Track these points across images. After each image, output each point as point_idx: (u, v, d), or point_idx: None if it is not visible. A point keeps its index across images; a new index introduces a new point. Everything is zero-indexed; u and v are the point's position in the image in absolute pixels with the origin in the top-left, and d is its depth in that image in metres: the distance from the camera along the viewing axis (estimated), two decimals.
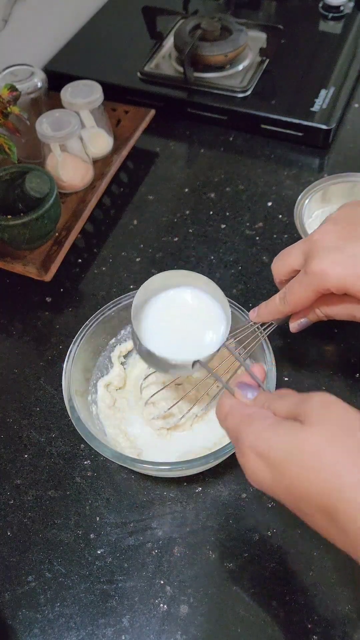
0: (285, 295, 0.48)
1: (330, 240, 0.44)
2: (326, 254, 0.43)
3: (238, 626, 0.47)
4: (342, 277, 0.43)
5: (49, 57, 0.94)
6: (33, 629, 0.48)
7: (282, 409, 0.37)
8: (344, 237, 0.44)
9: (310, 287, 0.45)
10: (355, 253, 0.42)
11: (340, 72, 0.87)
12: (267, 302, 0.50)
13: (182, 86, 0.86)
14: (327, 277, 0.43)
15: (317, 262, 0.43)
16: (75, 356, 0.54)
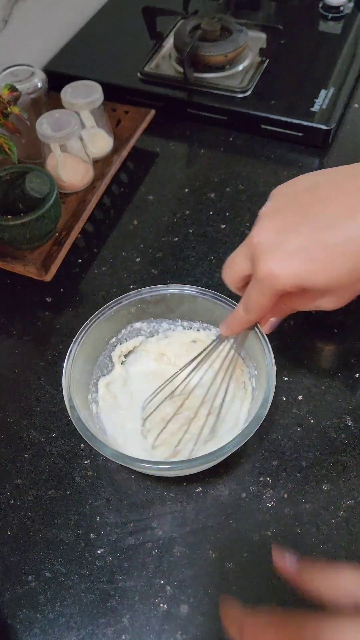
0: (246, 306, 0.45)
1: (268, 239, 0.40)
2: (269, 256, 0.40)
3: None
4: (292, 275, 0.39)
5: (49, 57, 0.94)
6: (33, 628, 0.48)
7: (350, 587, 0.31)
8: (280, 230, 0.40)
9: (266, 292, 0.42)
10: (295, 246, 0.39)
11: (340, 72, 0.87)
12: (233, 315, 0.47)
13: (182, 86, 0.86)
14: (277, 279, 0.40)
15: (262, 267, 0.40)
16: (76, 355, 0.54)
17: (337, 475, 0.54)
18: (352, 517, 0.52)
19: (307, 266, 0.39)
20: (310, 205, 0.40)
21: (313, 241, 0.38)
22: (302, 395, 0.60)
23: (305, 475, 0.54)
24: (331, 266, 0.38)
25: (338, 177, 0.40)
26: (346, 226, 0.38)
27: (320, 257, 0.38)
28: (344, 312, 0.66)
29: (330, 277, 0.39)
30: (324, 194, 0.39)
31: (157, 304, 0.60)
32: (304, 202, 0.40)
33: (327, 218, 0.38)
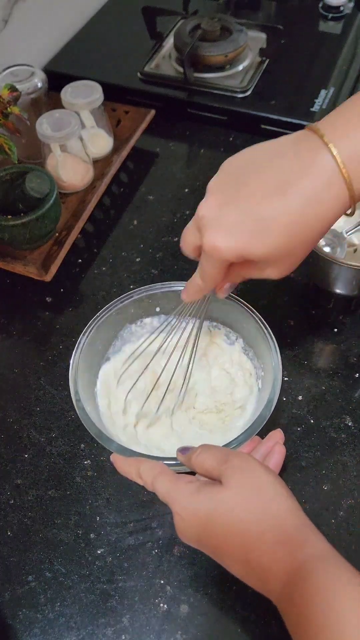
0: (201, 274, 0.47)
1: (210, 213, 0.42)
2: (211, 228, 0.42)
3: (238, 626, 0.47)
4: (231, 247, 0.41)
5: (49, 57, 0.94)
6: (33, 628, 0.48)
7: (207, 463, 0.42)
8: (221, 204, 0.42)
9: (213, 263, 0.44)
10: (233, 220, 0.41)
11: (340, 72, 0.87)
12: (191, 282, 0.49)
13: (182, 86, 0.86)
14: (220, 251, 0.42)
15: (206, 240, 0.42)
16: (83, 349, 0.55)
17: (337, 475, 0.54)
18: (352, 517, 0.52)
19: (244, 239, 0.40)
20: (247, 180, 0.41)
21: (248, 215, 0.40)
22: (302, 395, 0.60)
23: (305, 475, 0.54)
24: (265, 239, 0.40)
25: (274, 150, 0.42)
26: (278, 200, 0.39)
27: (255, 230, 0.40)
28: (344, 312, 0.66)
29: (266, 249, 0.40)
30: (260, 168, 0.41)
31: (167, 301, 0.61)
32: (242, 176, 0.42)
33: (260, 192, 0.40)
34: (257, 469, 0.41)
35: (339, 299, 0.66)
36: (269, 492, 0.40)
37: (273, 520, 0.39)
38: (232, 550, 0.39)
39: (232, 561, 0.40)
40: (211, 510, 0.39)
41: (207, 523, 0.40)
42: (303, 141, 0.40)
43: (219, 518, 0.39)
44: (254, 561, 0.38)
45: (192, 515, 0.40)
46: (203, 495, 0.40)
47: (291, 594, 0.37)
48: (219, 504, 0.39)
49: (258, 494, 0.40)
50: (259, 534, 0.38)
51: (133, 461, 0.46)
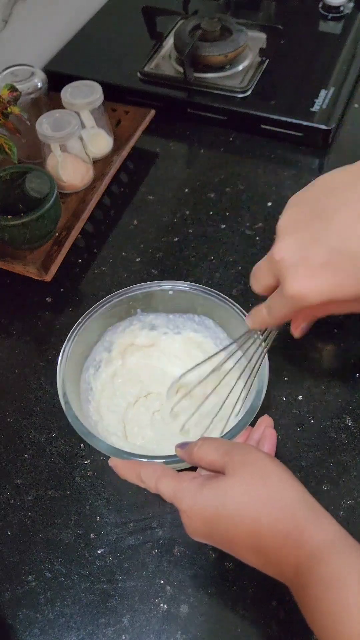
0: (270, 310, 0.45)
1: (291, 255, 0.39)
2: (294, 274, 0.39)
3: (238, 626, 0.47)
4: (319, 292, 0.39)
5: (49, 57, 0.94)
6: (33, 628, 0.48)
7: (210, 456, 0.42)
8: (302, 244, 0.39)
9: (292, 307, 0.42)
10: (320, 261, 0.38)
11: (340, 72, 0.87)
12: (257, 311, 0.47)
13: (182, 86, 0.86)
14: (305, 298, 0.39)
15: (290, 286, 0.39)
16: (70, 351, 0.55)
17: (337, 475, 0.54)
18: (352, 517, 0.52)
19: (335, 280, 0.38)
20: (330, 213, 0.38)
21: (337, 253, 0.37)
22: (302, 395, 0.60)
23: (305, 475, 0.54)
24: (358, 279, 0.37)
25: (354, 177, 0.39)
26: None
27: (347, 269, 0.37)
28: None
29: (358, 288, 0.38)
30: (342, 198, 0.38)
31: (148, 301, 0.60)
32: (322, 210, 0.38)
33: (348, 225, 0.37)
34: (260, 458, 0.41)
35: None
36: (274, 480, 0.39)
37: (281, 508, 0.38)
38: (244, 542, 0.39)
39: (245, 552, 0.39)
40: (218, 504, 0.39)
41: (216, 517, 0.39)
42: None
43: (226, 511, 0.39)
44: (267, 549, 0.38)
45: (199, 512, 0.40)
46: (208, 489, 0.40)
47: (305, 580, 0.36)
48: (226, 496, 0.39)
49: (264, 483, 0.39)
50: (269, 522, 0.38)
51: (133, 465, 0.46)
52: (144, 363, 0.61)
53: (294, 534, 0.37)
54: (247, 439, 0.52)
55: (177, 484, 0.42)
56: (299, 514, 0.38)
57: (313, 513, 0.39)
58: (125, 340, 0.61)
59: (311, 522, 0.38)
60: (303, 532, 0.37)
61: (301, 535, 0.37)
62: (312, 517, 0.38)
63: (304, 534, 0.37)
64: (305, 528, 0.38)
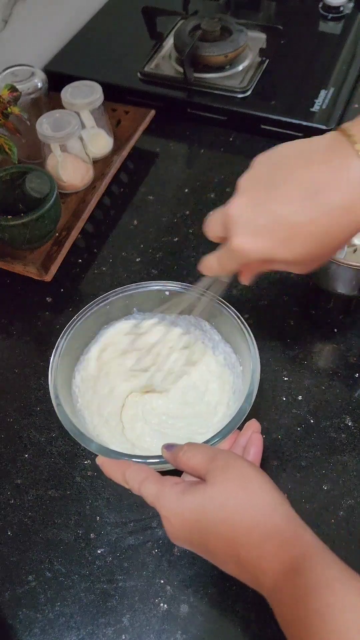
0: (219, 260, 0.47)
1: (241, 213, 0.42)
2: (240, 229, 0.42)
3: (238, 625, 0.47)
4: (258, 251, 0.41)
5: (49, 57, 0.94)
6: (33, 628, 0.48)
7: (194, 462, 0.42)
8: (251, 205, 0.41)
9: (237, 260, 0.44)
10: (262, 223, 0.41)
11: (340, 73, 0.87)
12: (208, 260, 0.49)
13: (182, 86, 0.86)
14: (246, 253, 0.42)
15: (234, 240, 0.42)
16: (63, 351, 0.55)
17: (337, 475, 0.54)
18: (352, 517, 0.52)
19: (273, 244, 0.40)
20: (279, 182, 0.41)
21: (278, 219, 0.40)
22: (302, 395, 0.60)
23: (305, 475, 0.54)
24: (294, 245, 0.40)
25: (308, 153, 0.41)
26: (308, 208, 0.39)
27: (283, 236, 0.40)
28: (344, 312, 0.66)
29: (293, 255, 0.40)
30: (293, 170, 0.40)
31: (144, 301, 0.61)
32: (274, 177, 0.41)
33: (292, 198, 0.40)
34: (242, 467, 0.41)
35: (339, 299, 0.66)
36: (254, 487, 0.40)
37: (260, 515, 0.39)
38: (222, 548, 0.39)
39: (224, 559, 0.40)
40: (198, 509, 0.39)
41: (196, 523, 0.40)
42: (336, 146, 0.39)
43: (206, 516, 0.39)
44: (245, 557, 0.38)
45: (180, 517, 0.40)
46: (189, 495, 0.40)
47: (281, 589, 0.37)
48: (206, 502, 0.39)
49: (244, 490, 0.40)
50: (247, 529, 0.38)
51: (119, 465, 0.46)
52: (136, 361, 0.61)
53: (271, 543, 0.38)
54: (234, 443, 0.52)
55: (159, 488, 0.42)
56: (277, 523, 0.39)
57: (291, 523, 0.39)
58: (118, 339, 0.61)
59: (289, 532, 0.38)
60: (281, 542, 0.38)
61: (279, 545, 0.38)
62: (290, 527, 0.39)
63: (282, 544, 0.38)
64: (284, 538, 0.38)
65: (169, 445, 0.45)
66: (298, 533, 0.38)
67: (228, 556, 0.39)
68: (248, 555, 0.38)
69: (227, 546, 0.39)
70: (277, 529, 0.38)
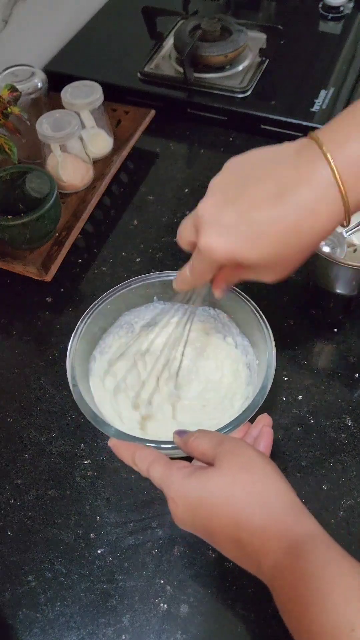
0: (191, 268, 0.48)
1: (209, 213, 0.43)
2: (207, 229, 0.42)
3: (238, 625, 0.47)
4: (224, 249, 0.41)
5: (49, 57, 0.94)
6: (33, 628, 0.48)
7: (203, 446, 0.43)
8: (220, 205, 0.42)
9: (205, 261, 0.45)
10: (229, 222, 0.41)
11: (340, 73, 0.87)
12: (180, 274, 0.50)
13: (182, 86, 0.86)
14: (213, 252, 0.42)
15: (202, 238, 0.43)
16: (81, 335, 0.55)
17: (337, 475, 0.54)
18: (352, 517, 0.52)
19: (238, 242, 0.41)
20: (248, 183, 0.41)
21: (244, 219, 0.40)
22: (302, 395, 0.60)
23: (305, 475, 0.54)
24: (258, 245, 0.40)
25: (276, 156, 0.41)
26: (274, 208, 0.39)
27: (250, 235, 0.40)
28: (344, 312, 0.66)
29: (258, 254, 0.41)
30: (261, 173, 0.41)
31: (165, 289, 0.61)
32: (243, 179, 0.42)
33: (259, 198, 0.40)
34: (249, 452, 0.42)
35: (339, 299, 0.66)
36: (259, 473, 0.40)
37: (263, 500, 0.39)
38: (224, 531, 0.39)
39: (225, 542, 0.40)
40: (203, 491, 0.40)
41: (199, 505, 0.40)
42: (304, 150, 0.40)
43: (210, 499, 0.40)
44: (245, 540, 0.38)
45: (184, 499, 0.41)
46: (195, 477, 0.41)
47: (282, 572, 0.37)
48: (210, 484, 0.40)
49: (249, 475, 0.40)
50: (249, 513, 0.38)
51: (129, 446, 0.47)
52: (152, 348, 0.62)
53: (273, 527, 0.38)
54: (245, 435, 0.52)
55: (166, 470, 0.43)
56: (280, 508, 0.39)
57: (294, 509, 0.39)
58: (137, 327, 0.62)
59: (292, 517, 0.39)
60: (283, 526, 0.38)
61: (281, 529, 0.38)
62: (292, 513, 0.39)
63: (284, 528, 0.38)
64: (286, 522, 0.38)
65: (181, 432, 0.46)
66: (300, 519, 0.39)
67: (230, 539, 0.39)
68: (250, 538, 0.38)
69: (229, 529, 0.39)
70: (279, 515, 0.39)
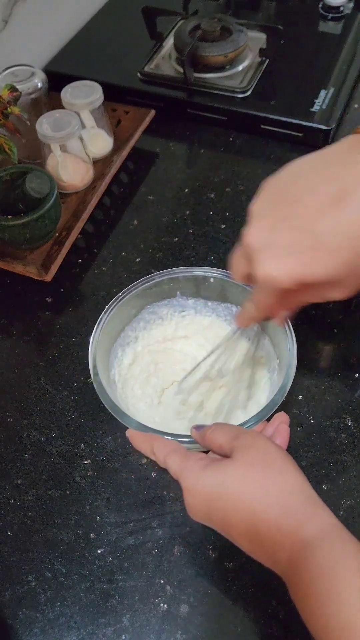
0: (254, 302, 0.46)
1: (259, 239, 0.40)
2: (262, 257, 0.39)
3: (238, 625, 0.47)
4: (288, 273, 0.38)
5: (49, 57, 0.94)
6: (33, 628, 0.48)
7: (220, 439, 0.43)
8: (270, 228, 0.39)
9: (269, 291, 0.43)
10: (286, 242, 0.38)
11: (340, 73, 0.87)
12: (244, 309, 0.49)
13: (182, 86, 0.86)
14: (275, 280, 0.39)
15: (259, 269, 0.40)
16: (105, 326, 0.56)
17: (337, 475, 0.54)
18: (352, 517, 0.52)
19: (302, 262, 0.38)
20: (296, 197, 0.38)
21: (303, 235, 0.37)
22: (302, 395, 0.60)
23: (305, 475, 0.54)
24: (327, 257, 0.37)
25: (325, 159, 0.39)
26: (337, 211, 0.37)
27: (314, 250, 0.37)
28: (344, 312, 0.66)
29: (328, 268, 0.37)
30: (308, 183, 0.38)
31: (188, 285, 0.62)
32: (289, 195, 0.39)
33: (316, 206, 0.37)
34: (267, 445, 0.41)
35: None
36: (276, 466, 0.40)
37: (280, 492, 0.39)
38: (239, 523, 0.39)
39: (240, 535, 0.39)
40: (219, 483, 0.39)
41: (215, 497, 0.40)
42: (354, 146, 0.37)
43: (226, 491, 0.39)
44: (262, 533, 0.38)
45: (200, 491, 0.40)
46: (211, 469, 0.40)
47: (297, 567, 0.36)
48: (227, 477, 0.39)
49: (266, 468, 0.40)
50: (266, 505, 0.38)
51: (148, 437, 0.47)
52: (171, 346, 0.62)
53: (289, 520, 0.38)
54: (262, 431, 0.52)
55: (183, 461, 0.42)
56: (296, 502, 0.39)
57: (311, 502, 0.39)
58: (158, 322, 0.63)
59: (308, 510, 0.38)
60: (299, 520, 0.38)
61: (297, 523, 0.38)
62: (309, 507, 0.39)
63: (300, 522, 0.38)
64: (302, 516, 0.38)
65: (198, 426, 0.46)
66: (317, 512, 0.38)
67: (245, 532, 0.39)
68: (265, 532, 0.38)
69: (244, 522, 0.39)
70: (296, 507, 0.38)
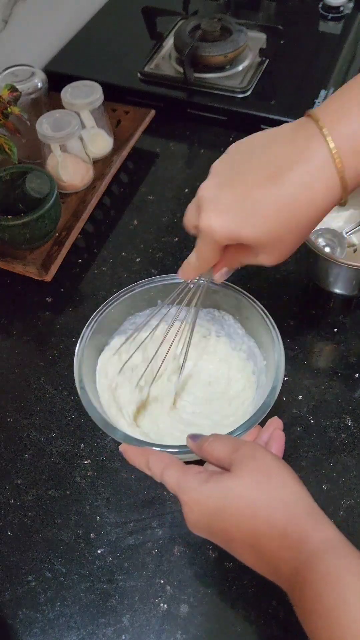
0: (197, 254, 0.48)
1: (209, 193, 0.43)
2: (207, 209, 0.43)
3: (238, 625, 0.47)
4: (224, 228, 0.42)
5: (49, 57, 0.94)
6: (33, 628, 0.48)
7: (219, 452, 0.43)
8: (220, 186, 0.43)
9: (208, 243, 0.45)
10: (228, 201, 0.41)
11: (340, 73, 0.87)
12: (187, 261, 0.50)
13: (182, 86, 0.86)
14: (214, 232, 0.42)
15: (202, 219, 0.43)
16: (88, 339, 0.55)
17: (337, 475, 0.54)
18: (352, 517, 0.52)
19: (237, 221, 0.41)
20: (246, 164, 0.42)
21: (242, 198, 0.41)
22: (302, 395, 0.60)
23: (305, 475, 0.54)
24: (256, 222, 0.41)
25: (274, 136, 0.42)
26: (270, 185, 0.40)
27: (248, 213, 0.41)
28: (344, 312, 0.66)
29: (256, 232, 0.41)
30: (258, 153, 0.42)
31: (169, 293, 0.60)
32: (242, 160, 0.43)
33: (256, 177, 0.41)
34: (266, 457, 0.41)
35: (339, 299, 0.66)
36: (278, 479, 0.40)
37: (283, 506, 0.38)
38: (242, 537, 0.39)
39: (243, 548, 0.39)
40: (221, 498, 0.39)
41: (217, 511, 0.39)
42: (301, 128, 0.40)
43: (228, 505, 0.39)
44: (264, 547, 0.38)
45: (201, 505, 0.40)
46: (212, 484, 0.40)
47: (301, 581, 0.36)
48: (229, 491, 0.39)
49: (267, 481, 0.39)
50: (268, 519, 0.38)
51: (142, 451, 0.46)
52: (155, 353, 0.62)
53: (292, 534, 0.38)
54: (256, 438, 0.52)
55: (181, 475, 0.42)
56: (300, 513, 0.38)
57: (313, 515, 0.39)
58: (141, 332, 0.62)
59: (311, 523, 0.38)
60: (302, 533, 0.38)
61: (300, 536, 0.37)
62: (311, 519, 0.38)
63: (303, 535, 0.37)
64: (305, 529, 0.38)
65: (194, 436, 0.46)
66: (320, 525, 0.38)
67: (247, 546, 0.39)
68: (267, 545, 0.38)
69: (247, 535, 0.39)
70: (299, 521, 0.38)
